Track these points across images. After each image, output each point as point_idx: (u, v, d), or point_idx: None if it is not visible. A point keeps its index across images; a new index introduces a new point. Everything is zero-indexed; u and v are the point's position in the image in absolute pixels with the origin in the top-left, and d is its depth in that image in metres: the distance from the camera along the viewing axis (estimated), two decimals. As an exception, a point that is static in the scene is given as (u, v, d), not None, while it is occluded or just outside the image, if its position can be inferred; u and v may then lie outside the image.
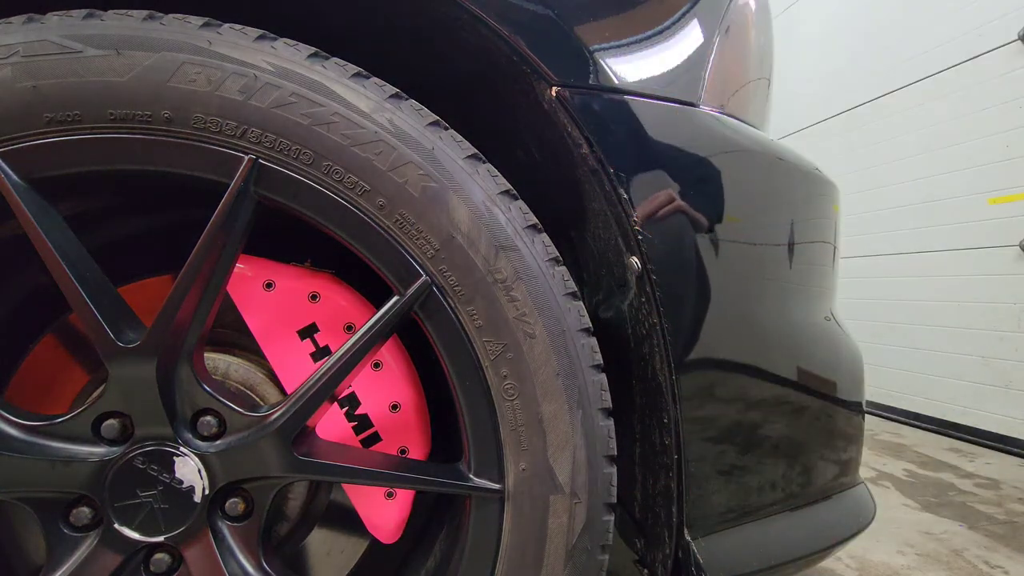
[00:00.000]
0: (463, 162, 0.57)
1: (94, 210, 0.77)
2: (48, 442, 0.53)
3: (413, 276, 0.56)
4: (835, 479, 0.78)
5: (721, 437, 0.67)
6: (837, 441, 0.77)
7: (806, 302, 0.76)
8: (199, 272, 0.53)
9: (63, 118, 0.50)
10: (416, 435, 0.71)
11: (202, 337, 0.57)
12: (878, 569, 1.48)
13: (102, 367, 0.73)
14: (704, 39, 0.69)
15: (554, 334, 0.58)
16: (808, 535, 0.74)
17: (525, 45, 0.61)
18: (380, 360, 0.69)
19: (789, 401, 0.72)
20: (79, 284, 0.51)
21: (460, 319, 0.57)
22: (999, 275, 2.75)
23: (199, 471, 0.55)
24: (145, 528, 0.54)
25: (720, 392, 0.66)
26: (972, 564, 1.52)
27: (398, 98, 0.57)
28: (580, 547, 0.59)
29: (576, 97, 0.62)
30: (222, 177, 0.53)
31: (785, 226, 0.72)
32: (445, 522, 0.86)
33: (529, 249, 0.58)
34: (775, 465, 0.71)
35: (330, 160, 0.54)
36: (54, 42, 0.50)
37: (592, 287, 0.74)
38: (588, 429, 0.59)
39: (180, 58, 0.52)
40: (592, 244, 0.71)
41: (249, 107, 0.52)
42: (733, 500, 0.68)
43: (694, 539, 0.65)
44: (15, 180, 0.50)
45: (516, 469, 0.58)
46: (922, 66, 3.14)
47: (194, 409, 0.56)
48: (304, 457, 0.57)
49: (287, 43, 0.55)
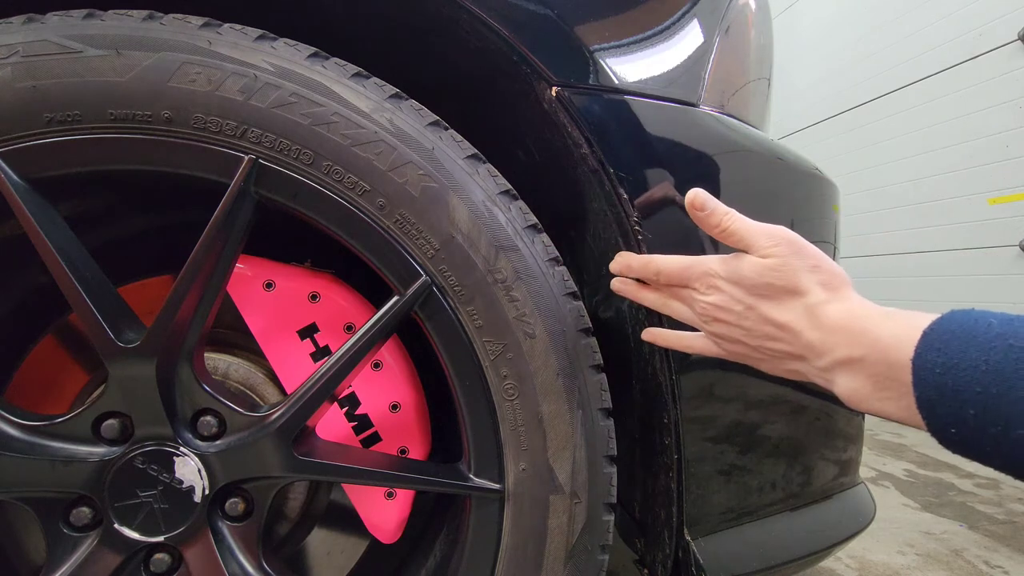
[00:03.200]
0: (463, 162, 0.57)
1: (94, 210, 0.77)
2: (48, 442, 0.53)
3: (413, 276, 0.56)
4: (835, 479, 0.78)
5: (721, 437, 0.67)
6: (837, 441, 0.77)
7: (806, 302, 0.75)
8: (199, 272, 0.53)
9: (63, 118, 0.50)
10: (416, 435, 0.71)
11: (202, 337, 0.57)
12: (878, 569, 1.48)
13: (102, 367, 0.73)
14: (704, 39, 0.69)
15: (554, 334, 0.58)
16: (808, 535, 0.74)
17: (525, 45, 0.61)
18: (380, 360, 0.69)
19: (789, 401, 0.72)
20: (79, 284, 0.51)
21: (460, 319, 0.57)
22: (999, 275, 2.75)
23: (199, 471, 0.55)
24: (145, 528, 0.54)
25: (720, 392, 0.66)
26: (972, 564, 1.52)
27: (398, 98, 0.57)
28: (580, 547, 0.59)
29: (576, 97, 0.62)
30: (222, 177, 0.53)
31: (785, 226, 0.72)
32: (445, 522, 0.86)
33: (529, 249, 0.58)
34: (775, 465, 0.71)
35: (330, 160, 0.54)
36: (54, 42, 0.50)
37: (592, 287, 0.74)
38: (588, 429, 0.59)
39: (180, 58, 0.52)
40: (592, 244, 0.71)
41: (249, 107, 0.52)
42: (733, 500, 0.68)
43: (694, 539, 0.65)
44: (15, 180, 0.50)
45: (516, 469, 0.58)
46: (922, 66, 3.14)
47: (194, 409, 0.56)
48: (304, 457, 0.57)
49: (287, 43, 0.55)
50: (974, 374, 0.33)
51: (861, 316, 0.41)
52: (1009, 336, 0.33)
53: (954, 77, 2.95)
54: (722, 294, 0.49)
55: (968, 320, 0.36)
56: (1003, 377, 0.32)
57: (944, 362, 0.35)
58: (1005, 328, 0.34)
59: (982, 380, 0.33)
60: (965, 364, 0.34)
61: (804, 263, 0.45)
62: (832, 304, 0.43)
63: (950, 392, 0.34)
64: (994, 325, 0.34)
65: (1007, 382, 0.32)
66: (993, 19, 2.73)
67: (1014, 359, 0.32)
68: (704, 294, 0.50)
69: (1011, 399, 0.32)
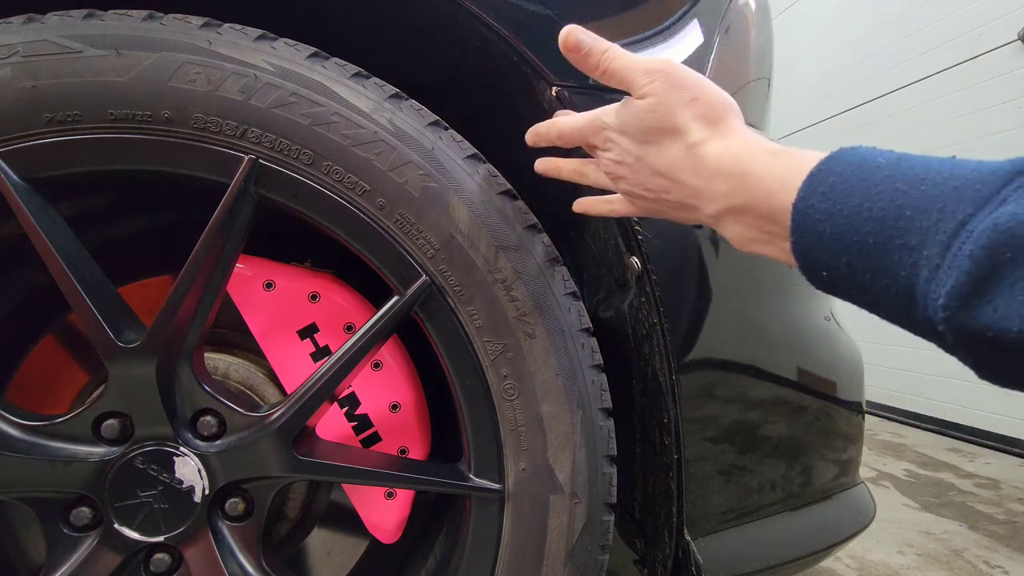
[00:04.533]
0: (463, 162, 0.57)
1: (94, 210, 0.77)
2: (48, 442, 0.53)
3: (413, 276, 0.56)
4: (835, 479, 0.78)
5: (721, 437, 0.67)
6: (837, 441, 0.77)
7: (806, 302, 0.76)
8: (199, 272, 0.53)
9: (63, 118, 0.50)
10: (416, 435, 0.71)
11: (202, 337, 0.57)
12: (878, 569, 1.48)
13: (102, 367, 0.73)
14: (704, 39, 0.69)
15: (554, 334, 0.58)
16: (808, 535, 0.74)
17: (525, 45, 0.61)
18: (380, 360, 0.69)
19: (789, 401, 0.72)
20: (79, 284, 0.51)
21: (460, 319, 0.57)
22: (999, 275, 2.74)
23: (199, 471, 0.55)
24: (145, 528, 0.54)
25: (720, 392, 0.66)
26: (972, 564, 1.52)
27: (398, 98, 0.57)
28: (580, 547, 0.59)
29: (576, 97, 0.62)
30: (222, 177, 0.53)
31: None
32: (445, 522, 0.86)
33: (529, 249, 0.58)
34: (775, 465, 0.71)
35: (330, 160, 0.54)
36: (54, 42, 0.50)
37: (592, 287, 0.74)
38: (588, 429, 0.59)
39: (180, 58, 0.52)
40: (592, 244, 0.71)
41: (249, 107, 0.52)
42: (733, 500, 0.68)
43: (694, 539, 0.65)
44: (15, 180, 0.50)
45: (516, 469, 0.58)
46: (922, 66, 3.14)
47: (194, 409, 0.56)
48: (304, 457, 0.57)
49: (287, 43, 0.55)
50: (855, 222, 0.31)
51: (744, 157, 0.38)
52: (896, 178, 0.31)
53: (954, 77, 2.95)
54: (617, 147, 0.45)
55: (856, 159, 0.33)
56: (883, 226, 0.30)
57: (827, 208, 0.32)
58: (893, 170, 0.31)
59: (862, 229, 0.31)
60: (848, 211, 0.32)
61: (681, 97, 0.40)
62: (712, 143, 0.39)
63: (828, 240, 0.33)
64: (882, 166, 0.32)
65: (886, 231, 0.30)
66: (993, 19, 2.73)
67: (898, 205, 0.30)
68: (605, 151, 0.46)
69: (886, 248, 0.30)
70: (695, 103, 0.40)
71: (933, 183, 0.29)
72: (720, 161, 0.38)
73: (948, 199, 0.29)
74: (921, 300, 0.29)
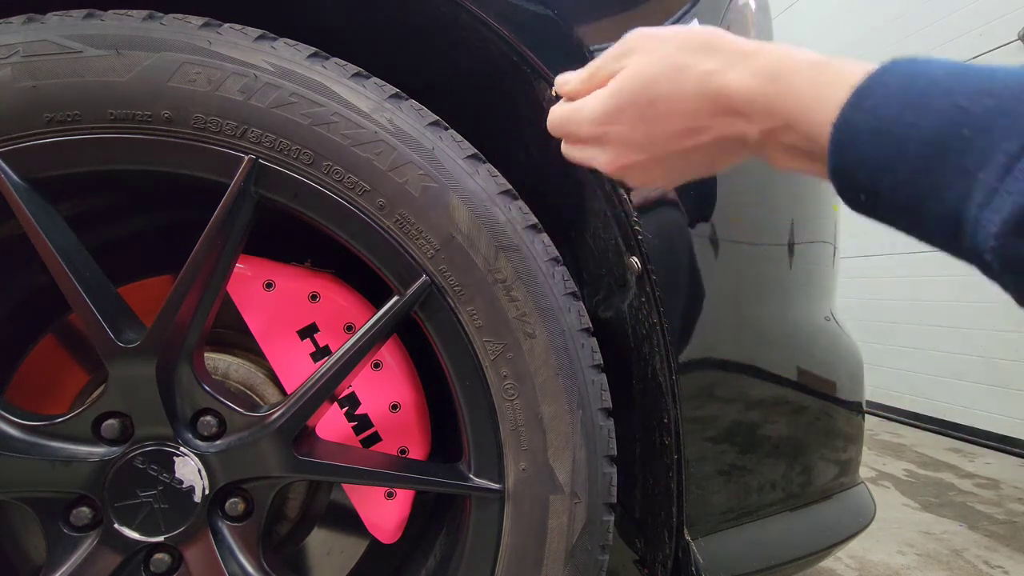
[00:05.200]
0: (463, 162, 0.57)
1: (94, 210, 0.77)
2: (48, 442, 0.53)
3: (413, 276, 0.56)
4: (835, 479, 0.78)
5: (721, 437, 0.67)
6: (837, 441, 0.78)
7: (806, 302, 0.76)
8: (199, 272, 0.53)
9: (63, 118, 0.50)
10: (416, 435, 0.71)
11: (202, 337, 0.57)
12: (878, 569, 1.48)
13: (102, 367, 0.73)
14: (704, 39, 0.69)
15: (554, 334, 0.58)
16: (808, 535, 0.74)
17: (525, 45, 0.61)
18: (380, 360, 0.69)
19: (789, 401, 0.72)
20: (79, 284, 0.51)
21: (460, 319, 0.57)
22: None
23: (199, 471, 0.55)
24: (145, 528, 0.54)
25: (720, 392, 0.66)
26: (972, 564, 1.52)
27: (398, 98, 0.57)
28: (580, 547, 0.59)
29: (576, 97, 0.62)
30: (222, 177, 0.53)
31: (785, 226, 0.72)
32: (445, 522, 0.86)
33: (529, 249, 0.58)
34: (775, 465, 0.71)
35: (330, 160, 0.54)
36: (54, 42, 0.50)
37: (592, 287, 0.74)
38: (588, 429, 0.59)
39: (180, 58, 0.52)
40: (592, 244, 0.71)
41: (249, 107, 0.52)
42: (733, 500, 0.68)
43: (694, 539, 0.65)
44: (15, 180, 0.50)
45: (516, 469, 0.58)
46: (922, 66, 3.14)
47: (194, 409, 0.56)
48: (304, 457, 0.57)
49: (287, 43, 0.55)
50: (904, 143, 0.28)
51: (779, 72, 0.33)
52: (956, 93, 0.27)
53: (954, 77, 2.95)
54: (613, 142, 0.43)
55: (909, 73, 0.29)
56: (937, 148, 0.27)
57: (873, 127, 0.29)
58: (952, 83, 0.27)
59: (911, 151, 0.27)
60: (896, 131, 0.28)
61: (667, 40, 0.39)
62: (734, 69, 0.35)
63: (869, 164, 0.29)
64: (939, 80, 0.28)
65: (940, 153, 0.27)
66: (993, 19, 2.73)
67: (955, 123, 0.26)
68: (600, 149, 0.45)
69: (938, 171, 0.27)
70: (685, 36, 0.38)
71: (1000, 98, 0.26)
72: (748, 86, 0.34)
73: (1017, 115, 0.25)
74: (971, 226, 0.26)
